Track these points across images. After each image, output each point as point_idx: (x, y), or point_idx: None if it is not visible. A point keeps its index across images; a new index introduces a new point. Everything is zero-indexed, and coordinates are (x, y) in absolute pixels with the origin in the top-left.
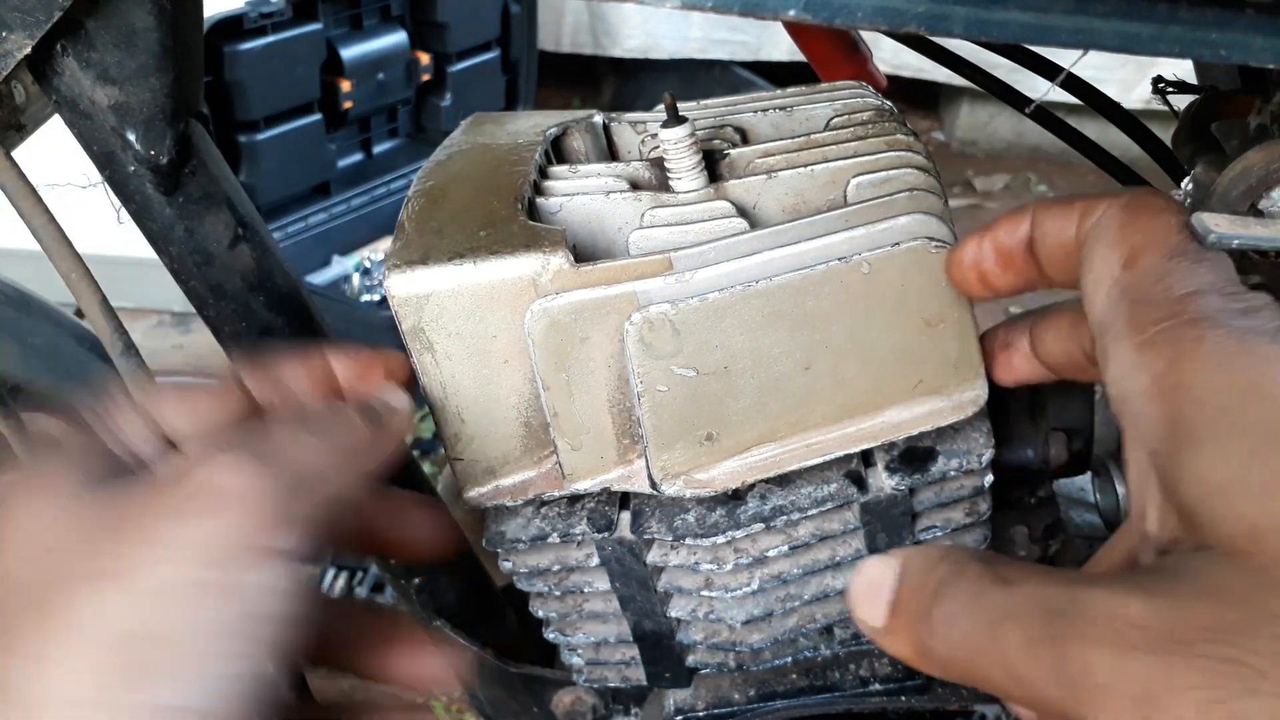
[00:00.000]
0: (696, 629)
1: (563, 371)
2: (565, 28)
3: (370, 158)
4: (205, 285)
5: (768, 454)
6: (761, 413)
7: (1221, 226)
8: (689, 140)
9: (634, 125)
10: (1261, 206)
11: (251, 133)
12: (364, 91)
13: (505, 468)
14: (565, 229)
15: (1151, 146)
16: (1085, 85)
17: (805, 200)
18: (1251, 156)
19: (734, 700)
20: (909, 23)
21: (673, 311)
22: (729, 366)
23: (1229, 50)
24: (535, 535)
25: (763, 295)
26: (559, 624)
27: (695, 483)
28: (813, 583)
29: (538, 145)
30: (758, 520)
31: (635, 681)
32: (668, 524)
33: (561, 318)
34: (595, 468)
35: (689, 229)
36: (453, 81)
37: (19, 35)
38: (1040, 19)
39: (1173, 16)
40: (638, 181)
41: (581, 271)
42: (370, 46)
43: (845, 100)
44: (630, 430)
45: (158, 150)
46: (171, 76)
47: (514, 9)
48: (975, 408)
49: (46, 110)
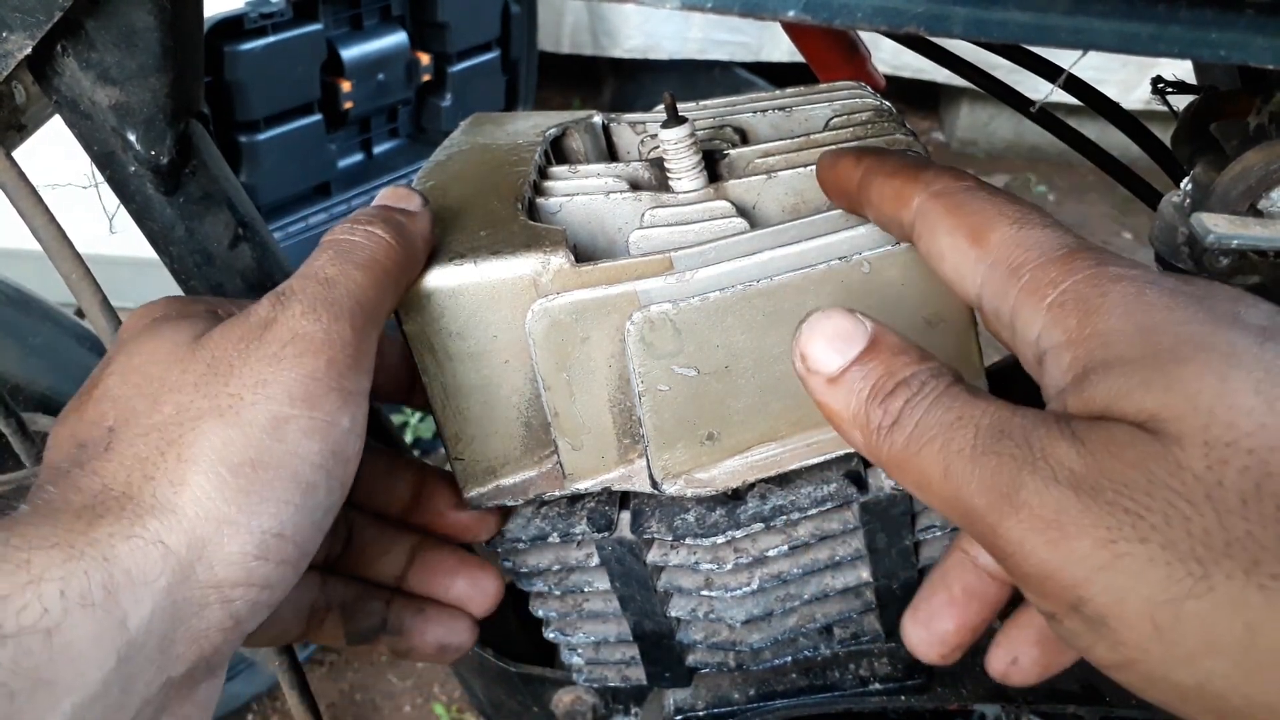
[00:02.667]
0: (696, 628)
1: (563, 371)
2: (565, 28)
3: (370, 158)
4: (206, 285)
5: (768, 453)
6: (762, 412)
7: (1221, 227)
8: (689, 140)
9: (634, 125)
10: (1261, 206)
11: (252, 133)
12: (364, 92)
13: (506, 467)
14: (565, 229)
15: (1151, 147)
16: (1085, 86)
17: (805, 200)
18: (1251, 157)
19: (734, 700)
20: (909, 23)
21: (673, 311)
22: (730, 366)
23: (1229, 50)
24: (535, 535)
25: (763, 294)
26: (559, 624)
27: (696, 482)
28: (813, 583)
29: (538, 145)
30: (758, 520)
31: (635, 681)
32: (668, 524)
33: (562, 317)
34: (596, 467)
35: (689, 229)
36: (453, 82)
37: (19, 35)
38: (1040, 19)
39: (1173, 16)
40: (638, 181)
41: (582, 271)
42: (370, 47)
43: (844, 100)
44: (631, 430)
45: (158, 150)
46: (171, 76)
47: (514, 9)
48: None
49: (46, 110)
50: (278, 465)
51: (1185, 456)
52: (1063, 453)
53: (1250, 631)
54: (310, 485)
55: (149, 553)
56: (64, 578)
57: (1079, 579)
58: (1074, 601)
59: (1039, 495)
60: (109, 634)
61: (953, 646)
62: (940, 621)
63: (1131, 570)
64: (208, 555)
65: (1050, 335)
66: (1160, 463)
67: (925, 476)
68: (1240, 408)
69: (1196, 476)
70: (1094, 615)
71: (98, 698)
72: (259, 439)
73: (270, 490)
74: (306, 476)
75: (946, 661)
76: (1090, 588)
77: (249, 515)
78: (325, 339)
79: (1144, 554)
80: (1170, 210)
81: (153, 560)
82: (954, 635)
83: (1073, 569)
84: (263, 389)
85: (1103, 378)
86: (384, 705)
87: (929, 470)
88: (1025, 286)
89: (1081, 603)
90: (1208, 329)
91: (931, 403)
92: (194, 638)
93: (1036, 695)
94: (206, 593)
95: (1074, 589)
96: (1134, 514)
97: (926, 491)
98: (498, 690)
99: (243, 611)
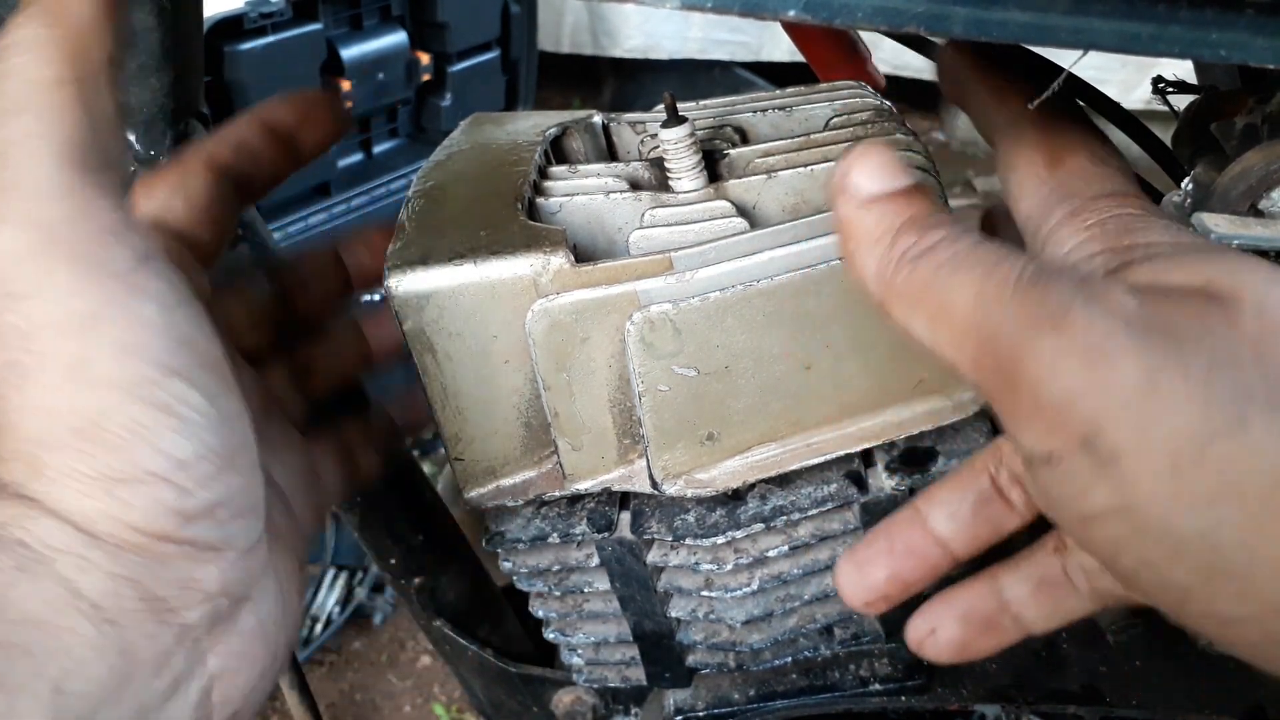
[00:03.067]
0: (696, 629)
1: (563, 371)
2: (565, 28)
3: (370, 158)
4: None
5: (768, 454)
6: (762, 412)
7: (1221, 227)
8: (689, 140)
9: (634, 125)
10: (1261, 207)
11: None
12: (364, 91)
13: (506, 468)
14: (565, 229)
15: (1151, 146)
16: (1086, 85)
17: (805, 200)
18: (1251, 157)
19: (734, 700)
20: (909, 23)
21: (673, 311)
22: (730, 366)
23: (1229, 50)
24: (535, 535)
25: (763, 295)
26: (559, 624)
27: (696, 483)
28: (813, 583)
29: (537, 145)
30: (758, 520)
31: (635, 681)
32: (668, 524)
33: (562, 318)
34: (596, 468)
35: (689, 229)
36: (453, 81)
37: None
38: (1040, 19)
39: (1173, 16)
40: (638, 181)
41: (582, 271)
42: (370, 46)
43: (845, 100)
44: (631, 430)
45: (158, 150)
46: (171, 76)
47: (514, 9)
48: (975, 407)
49: None
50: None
51: (1239, 317)
52: (1119, 295)
53: (1277, 476)
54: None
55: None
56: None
57: (1104, 407)
58: (1089, 433)
59: (1088, 319)
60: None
61: (879, 595)
62: (874, 569)
63: (1166, 403)
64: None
65: (1084, 247)
66: (1215, 317)
67: (948, 304)
68: None
69: (1249, 337)
70: (1107, 450)
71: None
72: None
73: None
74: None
75: (871, 610)
76: (1113, 418)
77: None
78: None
79: (1183, 390)
80: (1171, 210)
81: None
82: (884, 584)
83: (1101, 396)
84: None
85: (1146, 264)
86: (384, 705)
87: (956, 297)
88: (1072, 211)
89: (1098, 434)
90: (1250, 258)
91: (975, 242)
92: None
93: (1037, 695)
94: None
95: (1095, 418)
96: (1183, 352)
97: (942, 322)
98: (498, 690)
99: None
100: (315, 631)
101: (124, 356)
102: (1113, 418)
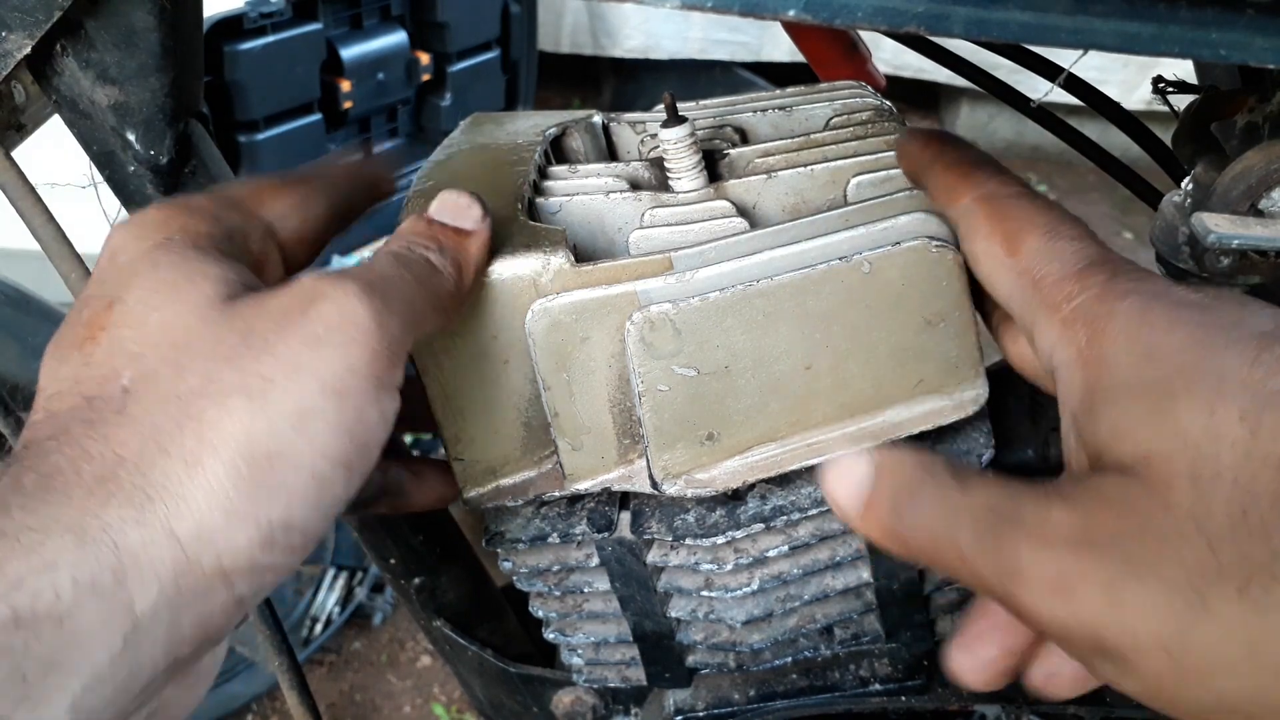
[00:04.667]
0: (696, 629)
1: (563, 371)
2: (565, 28)
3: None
4: None
5: (768, 454)
6: (762, 412)
7: (1222, 227)
8: (689, 140)
9: (634, 125)
10: (1261, 206)
11: (251, 133)
12: (364, 91)
13: (505, 468)
14: (565, 229)
15: (1152, 146)
16: (1085, 86)
17: (805, 200)
18: (1251, 157)
19: (734, 700)
20: (909, 23)
21: (673, 311)
22: (730, 366)
23: (1229, 50)
24: (535, 535)
25: (763, 295)
26: (559, 624)
27: (696, 483)
28: (813, 583)
29: (537, 145)
30: (758, 520)
31: (635, 681)
32: (668, 524)
33: (562, 317)
34: (596, 468)
35: (689, 229)
36: (453, 81)
37: (19, 35)
38: (1040, 19)
39: (1173, 16)
40: (638, 181)
41: (582, 271)
42: (370, 46)
43: (844, 100)
44: (631, 430)
45: (158, 150)
46: (171, 76)
47: (514, 9)
48: (975, 407)
49: (46, 110)
50: (296, 459)
51: (1174, 495)
52: (1055, 518)
53: (1252, 648)
54: (326, 480)
55: (158, 541)
56: (76, 564)
57: (1094, 627)
58: (1095, 646)
59: (1039, 563)
60: (116, 619)
61: (999, 671)
62: (984, 647)
63: (1137, 609)
64: (215, 545)
65: (1061, 352)
66: (1150, 507)
67: (950, 565)
68: (1225, 439)
69: (1186, 512)
70: (1115, 655)
71: (105, 679)
72: (282, 431)
73: (284, 484)
74: (324, 472)
75: (991, 687)
76: (1105, 632)
77: (258, 507)
78: (373, 327)
79: (1144, 593)
80: (1171, 210)
81: (160, 548)
82: (1000, 660)
83: (1086, 620)
84: (296, 376)
85: (1106, 410)
86: (384, 705)
87: (950, 560)
88: (1044, 299)
89: (1102, 646)
90: (1203, 354)
91: (930, 506)
92: (199, 620)
93: (1037, 695)
94: (212, 579)
95: (1092, 636)
96: (1130, 559)
97: (958, 576)
98: (498, 690)
99: (246, 594)
100: (315, 631)
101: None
102: (1104, 631)
